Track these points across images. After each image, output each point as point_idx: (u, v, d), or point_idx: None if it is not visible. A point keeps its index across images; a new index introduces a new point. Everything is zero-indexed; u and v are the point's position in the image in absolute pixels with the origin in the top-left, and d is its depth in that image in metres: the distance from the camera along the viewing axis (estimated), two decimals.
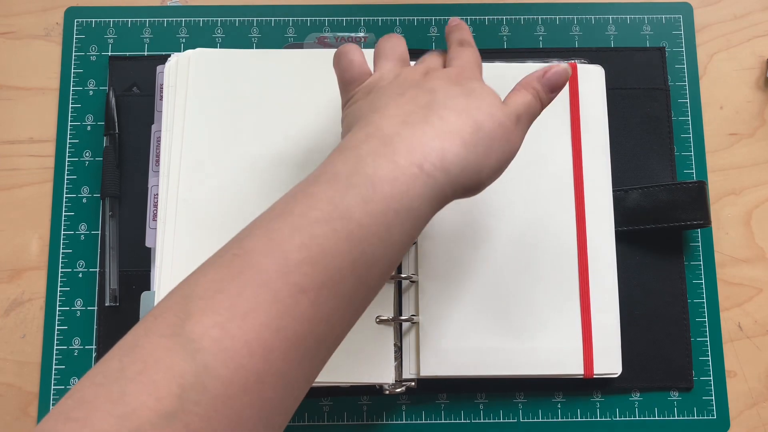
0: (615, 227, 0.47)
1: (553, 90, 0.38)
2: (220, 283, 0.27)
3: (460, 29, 0.41)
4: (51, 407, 0.47)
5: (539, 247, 0.46)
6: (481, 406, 0.48)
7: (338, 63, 0.39)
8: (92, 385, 0.25)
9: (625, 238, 0.48)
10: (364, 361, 0.44)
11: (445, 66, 0.39)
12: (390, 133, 0.32)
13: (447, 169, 0.31)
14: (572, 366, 0.45)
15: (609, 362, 0.46)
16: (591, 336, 0.46)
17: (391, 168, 0.30)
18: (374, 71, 0.38)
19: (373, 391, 0.46)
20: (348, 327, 0.31)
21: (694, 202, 0.47)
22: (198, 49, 0.48)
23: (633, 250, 0.49)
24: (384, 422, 0.47)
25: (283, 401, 0.28)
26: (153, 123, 0.49)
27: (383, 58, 0.38)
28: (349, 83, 0.38)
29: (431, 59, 0.39)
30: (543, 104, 0.38)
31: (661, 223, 0.48)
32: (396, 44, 0.39)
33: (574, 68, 0.49)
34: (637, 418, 0.48)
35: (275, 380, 0.27)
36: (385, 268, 0.31)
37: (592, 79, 0.49)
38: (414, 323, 0.45)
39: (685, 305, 0.48)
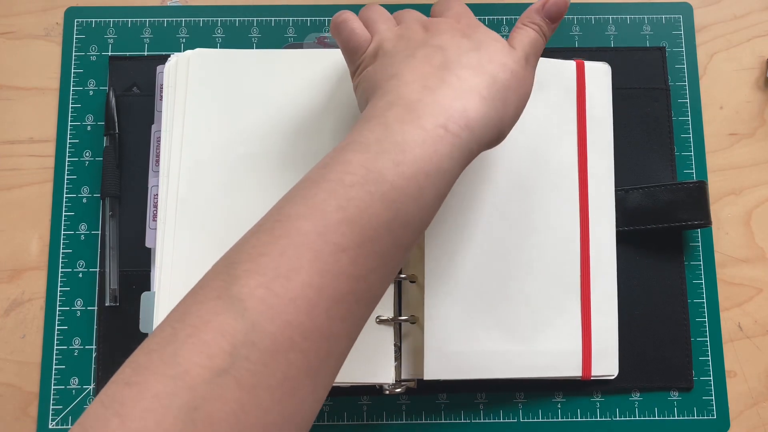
0: (616, 227, 0.47)
1: (555, 20, 0.38)
2: (263, 247, 0.29)
3: None
4: (51, 407, 0.47)
5: (542, 249, 0.46)
6: (481, 406, 0.48)
7: (339, 33, 0.39)
8: (147, 353, 0.27)
9: (625, 238, 0.48)
10: (364, 361, 0.44)
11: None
12: (413, 100, 0.33)
13: (471, 127, 0.33)
14: (571, 368, 0.45)
15: (606, 364, 0.46)
16: (590, 337, 0.46)
17: (419, 132, 0.32)
18: (372, 35, 0.39)
19: (373, 391, 0.46)
20: (384, 286, 0.32)
21: (694, 202, 0.47)
22: (198, 50, 0.48)
23: (633, 250, 0.49)
24: (384, 422, 0.47)
25: (327, 358, 0.29)
26: (153, 123, 0.49)
27: (375, 22, 0.39)
28: (354, 51, 0.39)
29: (412, 13, 0.40)
30: (546, 37, 0.38)
31: (661, 223, 0.48)
32: (380, 10, 0.40)
33: (581, 65, 0.49)
34: (637, 418, 0.48)
35: (320, 336, 0.28)
36: (419, 228, 0.32)
37: (598, 76, 0.49)
38: (412, 324, 0.45)
39: (685, 305, 0.48)
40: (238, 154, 0.46)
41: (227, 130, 0.46)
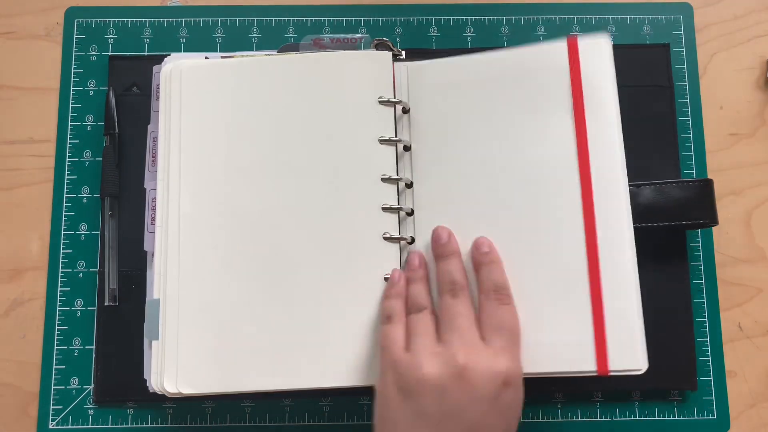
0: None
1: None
2: None
3: (491, 264, 0.43)
4: (51, 407, 0.47)
5: (542, 239, 0.43)
6: None
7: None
8: None
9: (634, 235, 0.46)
10: (364, 361, 0.44)
11: (479, 321, 0.41)
12: None
13: None
14: (580, 361, 0.41)
15: (628, 356, 0.41)
16: (603, 327, 0.41)
17: None
18: (410, 350, 0.40)
19: (373, 391, 0.46)
20: None
21: (704, 200, 0.46)
22: (189, 62, 0.47)
23: (636, 250, 0.48)
24: None
25: None
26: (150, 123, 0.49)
27: (417, 336, 0.40)
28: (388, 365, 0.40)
29: (467, 337, 0.40)
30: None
31: (672, 221, 0.46)
32: (427, 322, 0.41)
33: (574, 44, 0.44)
34: (637, 418, 0.48)
35: None
36: None
37: (596, 52, 0.44)
38: None
39: (689, 305, 0.48)
40: (234, 164, 0.45)
41: (223, 140, 0.46)
